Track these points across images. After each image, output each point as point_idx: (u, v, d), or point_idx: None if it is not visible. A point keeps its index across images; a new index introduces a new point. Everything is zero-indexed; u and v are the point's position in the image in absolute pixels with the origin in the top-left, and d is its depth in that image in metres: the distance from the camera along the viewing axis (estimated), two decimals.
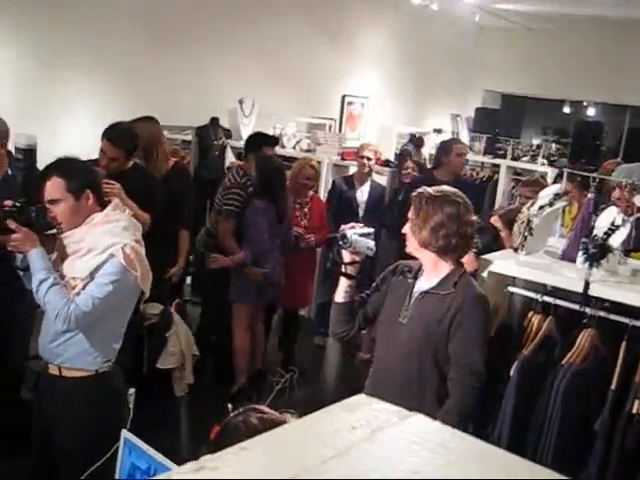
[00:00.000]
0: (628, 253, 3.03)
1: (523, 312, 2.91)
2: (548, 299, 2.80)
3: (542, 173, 6.83)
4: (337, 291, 2.90)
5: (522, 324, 2.86)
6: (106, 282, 2.68)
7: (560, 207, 3.28)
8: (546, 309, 2.81)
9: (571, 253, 2.96)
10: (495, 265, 2.92)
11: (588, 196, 3.16)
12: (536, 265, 2.91)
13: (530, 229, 3.01)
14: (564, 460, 2.61)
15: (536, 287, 2.86)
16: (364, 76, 9.45)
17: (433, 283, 2.74)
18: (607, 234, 2.79)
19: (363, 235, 2.80)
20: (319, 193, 6.31)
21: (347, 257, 2.82)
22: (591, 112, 12.04)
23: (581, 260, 2.79)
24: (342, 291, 2.87)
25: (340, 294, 2.88)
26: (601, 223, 2.87)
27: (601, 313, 2.68)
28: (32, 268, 2.67)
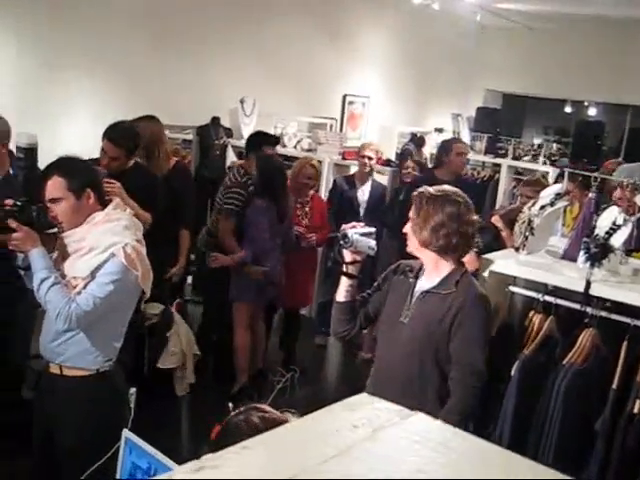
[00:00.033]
0: (629, 253, 3.03)
1: (524, 312, 2.91)
2: (549, 299, 2.80)
3: (543, 173, 6.84)
4: (338, 290, 2.90)
5: (523, 324, 2.86)
6: (107, 281, 2.68)
7: (561, 207, 3.28)
8: (547, 309, 2.81)
9: (572, 253, 2.96)
10: (496, 265, 2.92)
11: (589, 196, 3.16)
12: (537, 265, 2.91)
13: (531, 229, 3.01)
14: (565, 460, 2.60)
15: (537, 287, 2.86)
16: (365, 76, 9.45)
17: (434, 283, 2.74)
18: (608, 234, 2.78)
19: (364, 234, 2.80)
20: (320, 192, 6.31)
21: (348, 256, 2.82)
22: (592, 112, 12.04)
23: (582, 260, 2.79)
24: (343, 290, 2.87)
25: (341, 293, 2.88)
26: (602, 223, 2.86)
27: (602, 313, 2.68)
28: (33, 267, 2.67)
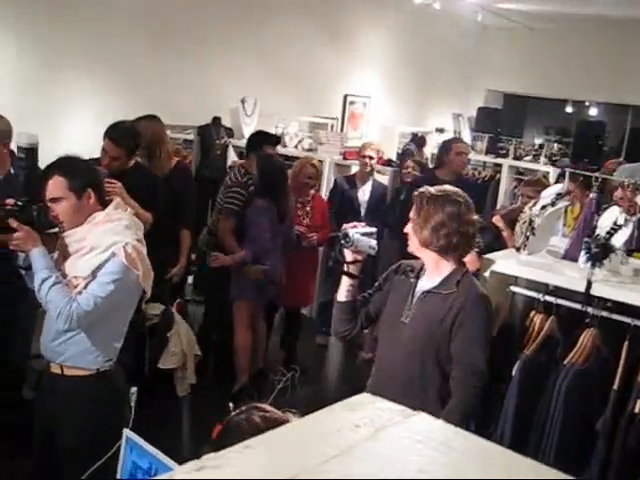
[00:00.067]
0: (630, 253, 3.02)
1: (525, 312, 2.91)
2: (550, 299, 2.80)
3: (544, 173, 6.84)
4: (339, 290, 2.90)
5: (524, 324, 2.85)
6: (108, 281, 2.68)
7: (562, 207, 3.27)
8: (548, 309, 2.81)
9: (573, 253, 2.96)
10: (497, 265, 2.92)
11: (590, 196, 3.16)
12: (538, 265, 2.90)
13: (532, 229, 3.00)
14: (566, 460, 2.60)
15: (538, 287, 2.86)
16: (366, 76, 9.45)
17: (435, 282, 2.74)
18: (609, 234, 2.78)
19: (365, 234, 2.80)
20: (321, 192, 6.31)
21: (349, 256, 2.82)
22: (593, 112, 12.04)
23: (583, 260, 2.79)
24: (344, 290, 2.87)
25: (342, 293, 2.88)
26: (603, 223, 2.86)
27: (603, 313, 2.68)
28: (34, 267, 2.67)
